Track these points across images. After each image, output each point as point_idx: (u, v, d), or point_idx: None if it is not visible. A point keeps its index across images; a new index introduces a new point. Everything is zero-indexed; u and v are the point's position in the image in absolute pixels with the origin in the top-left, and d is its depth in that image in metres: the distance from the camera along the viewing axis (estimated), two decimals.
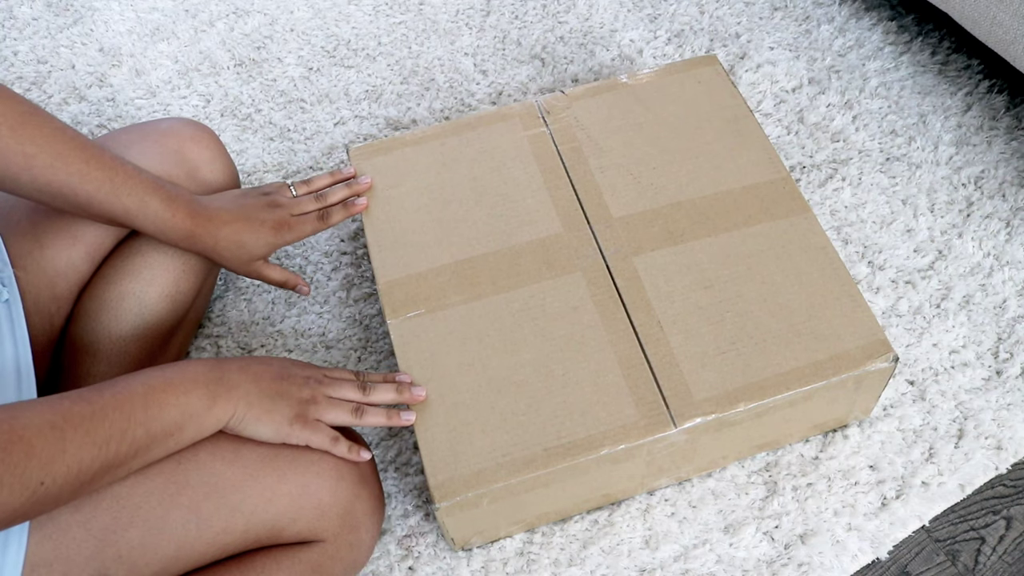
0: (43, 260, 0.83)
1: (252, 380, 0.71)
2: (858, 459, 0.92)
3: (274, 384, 0.72)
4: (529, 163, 0.95)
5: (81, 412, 0.60)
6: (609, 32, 1.30)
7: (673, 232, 0.89)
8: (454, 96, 1.24)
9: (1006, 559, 0.88)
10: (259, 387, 0.71)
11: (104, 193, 0.76)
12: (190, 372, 0.68)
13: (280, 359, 0.77)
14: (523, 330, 0.84)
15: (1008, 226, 1.07)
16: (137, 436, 0.63)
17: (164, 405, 0.65)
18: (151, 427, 0.64)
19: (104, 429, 0.61)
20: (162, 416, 0.65)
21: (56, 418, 0.59)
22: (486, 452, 0.78)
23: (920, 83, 1.21)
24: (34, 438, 0.57)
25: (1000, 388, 0.96)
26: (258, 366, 0.73)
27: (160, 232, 0.81)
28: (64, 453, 0.58)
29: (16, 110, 0.72)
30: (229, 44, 1.31)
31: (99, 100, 1.26)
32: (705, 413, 0.79)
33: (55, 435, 0.58)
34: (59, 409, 0.60)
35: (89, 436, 0.60)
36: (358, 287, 1.07)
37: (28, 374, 0.73)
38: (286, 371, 0.74)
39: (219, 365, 0.71)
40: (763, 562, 0.87)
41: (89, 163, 0.75)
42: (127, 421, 0.62)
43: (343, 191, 0.93)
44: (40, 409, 0.59)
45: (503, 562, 0.87)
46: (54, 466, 0.57)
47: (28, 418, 0.58)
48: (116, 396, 0.63)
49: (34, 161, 0.72)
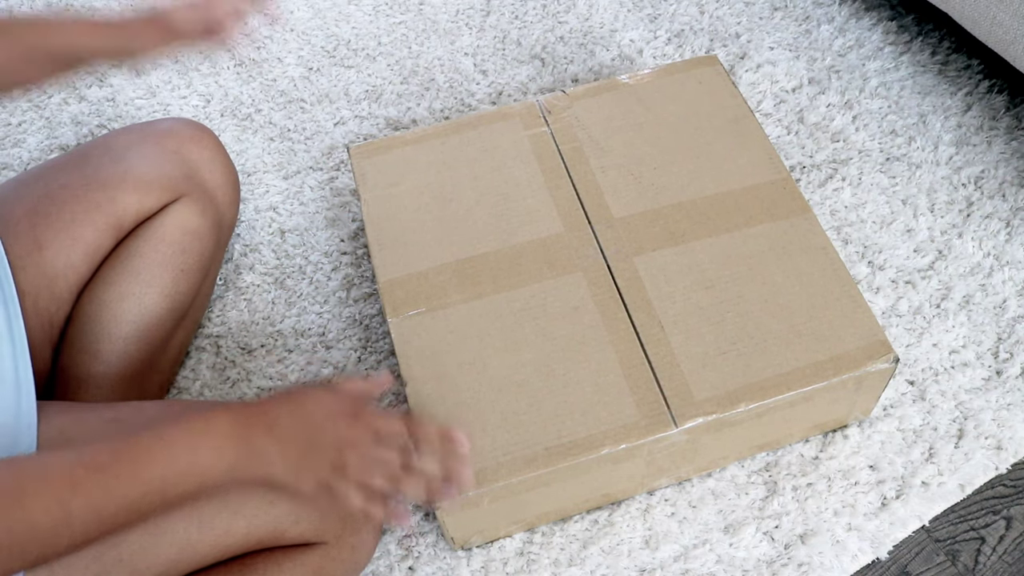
0: (42, 261, 0.83)
1: (278, 446, 0.64)
2: (858, 459, 0.92)
3: (302, 453, 0.65)
4: (530, 163, 0.95)
5: (94, 486, 0.57)
6: (609, 32, 1.30)
7: (674, 232, 0.89)
8: (454, 96, 1.24)
9: (1006, 559, 0.88)
10: (285, 455, 0.65)
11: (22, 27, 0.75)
12: (214, 430, 0.63)
13: (323, 411, 0.67)
14: (524, 329, 0.84)
15: (1008, 226, 1.07)
16: (152, 505, 0.60)
17: (183, 476, 0.61)
18: (167, 495, 0.60)
19: (115, 503, 0.58)
20: (179, 485, 0.61)
21: (64, 493, 0.56)
22: (487, 451, 0.78)
23: (920, 83, 1.21)
24: (39, 514, 0.54)
25: (1000, 388, 0.96)
26: (290, 427, 0.65)
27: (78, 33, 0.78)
28: (69, 527, 0.55)
29: None
30: (229, 44, 1.31)
31: (99, 100, 1.26)
32: (706, 413, 0.79)
33: (62, 511, 0.55)
34: (70, 480, 0.56)
35: (98, 512, 0.57)
36: (358, 287, 1.07)
37: (27, 376, 0.73)
38: (320, 432, 0.66)
39: (247, 422, 0.64)
40: (763, 562, 0.87)
41: None
42: (142, 495, 0.59)
43: None
44: (50, 479, 0.56)
45: (503, 562, 0.87)
46: (57, 540, 0.55)
47: (36, 494, 0.55)
48: (134, 465, 0.59)
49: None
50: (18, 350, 0.74)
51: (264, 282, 1.07)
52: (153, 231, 0.89)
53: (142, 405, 0.77)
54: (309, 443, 0.66)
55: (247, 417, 0.64)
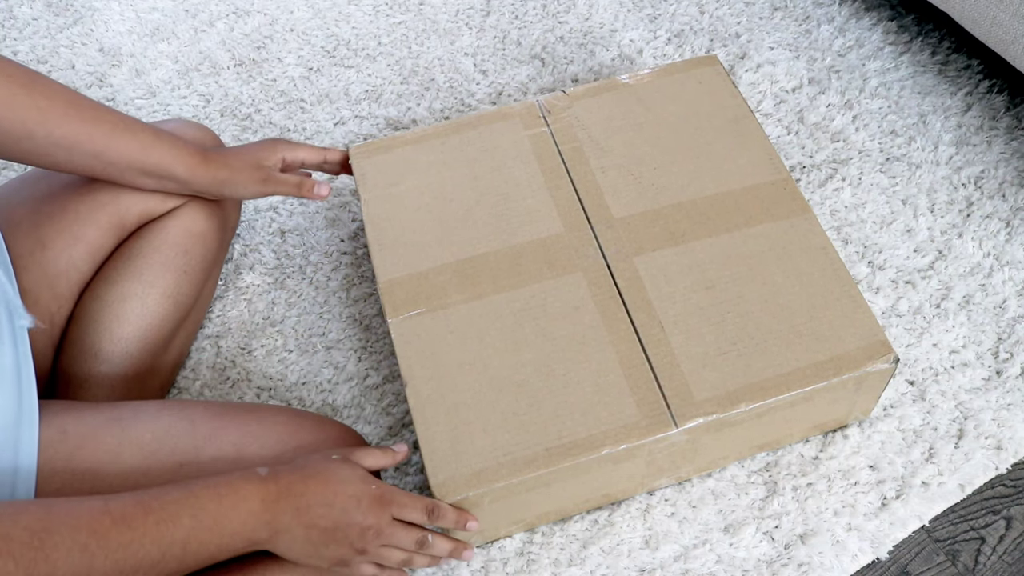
0: (44, 260, 0.83)
1: (303, 528, 0.67)
2: (858, 459, 0.92)
3: (326, 535, 0.68)
4: (530, 163, 0.95)
5: (118, 538, 0.57)
6: (609, 32, 1.30)
7: (674, 232, 0.89)
8: (454, 96, 1.24)
9: (1006, 559, 0.88)
10: (308, 535, 0.67)
11: (120, 132, 0.78)
12: (243, 508, 0.64)
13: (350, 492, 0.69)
14: (524, 330, 0.84)
15: (1008, 226, 1.07)
16: (169, 567, 0.60)
17: (205, 544, 0.62)
18: (185, 560, 0.61)
19: (136, 559, 0.58)
20: (200, 553, 0.62)
21: (90, 541, 0.56)
22: (487, 451, 0.78)
23: (920, 83, 1.21)
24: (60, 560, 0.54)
25: (1000, 388, 0.96)
26: (318, 510, 0.67)
27: (176, 160, 0.82)
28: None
29: (22, 71, 0.74)
30: (229, 44, 1.31)
31: (99, 100, 1.26)
32: (706, 413, 0.79)
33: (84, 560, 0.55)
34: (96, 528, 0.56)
35: (118, 565, 0.57)
36: (358, 287, 1.07)
37: (28, 375, 0.73)
38: (346, 519, 0.68)
39: (276, 503, 0.66)
40: (763, 562, 0.87)
41: (98, 110, 0.77)
42: (162, 555, 0.59)
43: None
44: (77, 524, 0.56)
45: (503, 562, 0.87)
46: None
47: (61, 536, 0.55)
48: (159, 525, 0.60)
49: (48, 114, 0.74)
50: (20, 349, 0.74)
51: (264, 282, 1.07)
52: (157, 232, 0.89)
53: (142, 404, 0.77)
54: (335, 527, 0.68)
55: (277, 495, 0.66)
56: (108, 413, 0.74)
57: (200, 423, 0.75)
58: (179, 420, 0.75)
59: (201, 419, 0.75)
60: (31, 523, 0.54)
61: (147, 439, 0.73)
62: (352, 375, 1.00)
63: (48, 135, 0.75)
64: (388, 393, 0.98)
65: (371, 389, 0.99)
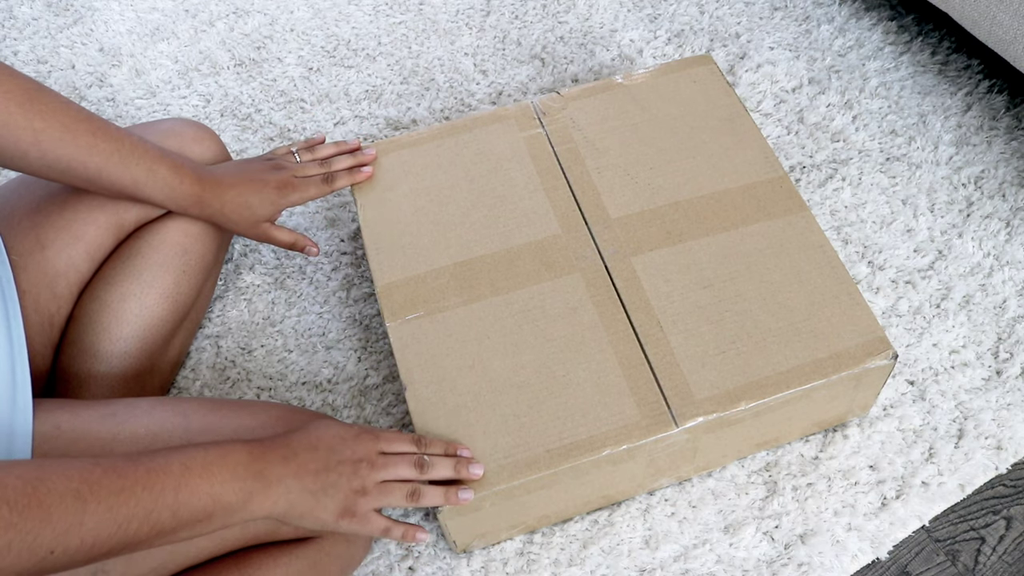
0: (43, 260, 0.83)
1: (295, 475, 0.67)
2: (858, 459, 0.92)
3: (320, 477, 0.68)
4: (526, 164, 0.95)
5: (110, 485, 0.57)
6: (609, 32, 1.30)
7: (671, 232, 0.89)
8: (454, 96, 1.24)
9: (1006, 559, 0.88)
10: (302, 483, 0.67)
11: (113, 164, 0.77)
12: (231, 458, 0.65)
13: (332, 432, 0.71)
14: (523, 331, 0.84)
15: (1008, 226, 1.07)
16: (163, 519, 0.60)
17: (196, 492, 0.62)
18: (179, 512, 0.61)
19: (129, 507, 0.58)
20: (192, 503, 0.62)
21: (82, 487, 0.56)
22: (488, 454, 0.78)
23: (920, 83, 1.21)
24: (54, 505, 0.54)
25: (1000, 388, 0.96)
26: (305, 455, 0.68)
27: (169, 198, 0.83)
28: (81, 526, 0.55)
29: (22, 87, 0.72)
30: (229, 44, 1.31)
31: (99, 100, 1.26)
32: (706, 412, 0.79)
33: (77, 505, 0.55)
34: (88, 478, 0.57)
35: (111, 512, 0.57)
36: (358, 287, 1.07)
37: (23, 373, 0.73)
38: (335, 456, 0.69)
39: (263, 454, 0.67)
40: (763, 562, 0.87)
41: (96, 135, 0.76)
42: (154, 502, 0.59)
43: (348, 159, 0.94)
44: (68, 474, 0.56)
45: (503, 562, 0.87)
46: (68, 537, 0.55)
47: (53, 483, 0.55)
48: (149, 473, 0.60)
49: (43, 136, 0.73)
50: (16, 348, 0.74)
51: (264, 282, 1.07)
52: (156, 232, 0.89)
53: (136, 401, 0.77)
54: (326, 468, 0.68)
55: (263, 448, 0.67)
56: (102, 409, 0.74)
57: (194, 418, 0.75)
58: (173, 415, 0.75)
59: (195, 414, 0.75)
60: (24, 472, 0.54)
61: (141, 434, 0.73)
62: (352, 375, 1.00)
63: (42, 157, 0.74)
64: (388, 393, 0.98)
65: (371, 389, 0.99)
